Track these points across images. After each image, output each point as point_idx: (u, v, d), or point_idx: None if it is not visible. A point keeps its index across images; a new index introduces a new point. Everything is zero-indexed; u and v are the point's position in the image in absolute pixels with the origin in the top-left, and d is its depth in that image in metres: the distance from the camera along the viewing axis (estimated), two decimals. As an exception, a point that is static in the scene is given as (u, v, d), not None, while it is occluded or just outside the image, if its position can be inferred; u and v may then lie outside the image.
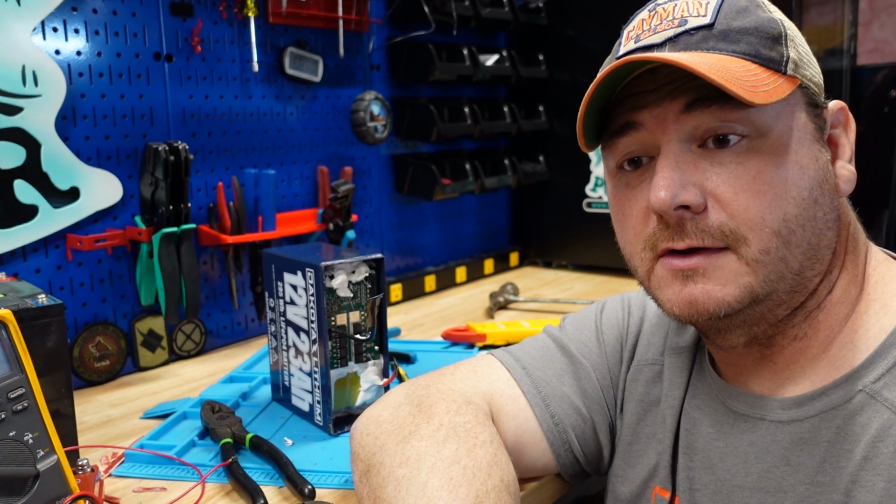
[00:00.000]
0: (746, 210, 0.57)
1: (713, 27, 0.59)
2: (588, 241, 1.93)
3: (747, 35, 0.59)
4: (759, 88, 0.55)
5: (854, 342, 0.60)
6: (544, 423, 0.76)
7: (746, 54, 0.58)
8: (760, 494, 0.62)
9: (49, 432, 0.67)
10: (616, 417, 0.79)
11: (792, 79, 0.59)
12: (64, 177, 1.14)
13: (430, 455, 0.63)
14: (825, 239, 0.60)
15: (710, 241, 0.58)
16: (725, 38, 0.59)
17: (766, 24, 0.60)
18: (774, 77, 0.58)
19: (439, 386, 0.75)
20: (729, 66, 0.56)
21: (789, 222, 0.58)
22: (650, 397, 0.75)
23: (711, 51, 0.58)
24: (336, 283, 0.94)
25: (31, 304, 0.82)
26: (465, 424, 0.68)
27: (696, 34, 0.59)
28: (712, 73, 0.54)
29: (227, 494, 0.81)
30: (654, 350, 0.78)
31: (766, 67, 0.58)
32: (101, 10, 1.18)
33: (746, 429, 0.65)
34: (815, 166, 0.59)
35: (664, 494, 0.71)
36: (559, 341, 0.82)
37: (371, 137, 1.57)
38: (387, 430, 0.69)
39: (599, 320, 0.83)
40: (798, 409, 0.61)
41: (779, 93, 0.56)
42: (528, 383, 0.78)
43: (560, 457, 0.77)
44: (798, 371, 0.63)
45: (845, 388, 0.59)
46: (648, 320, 0.80)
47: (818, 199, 0.59)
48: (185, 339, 1.32)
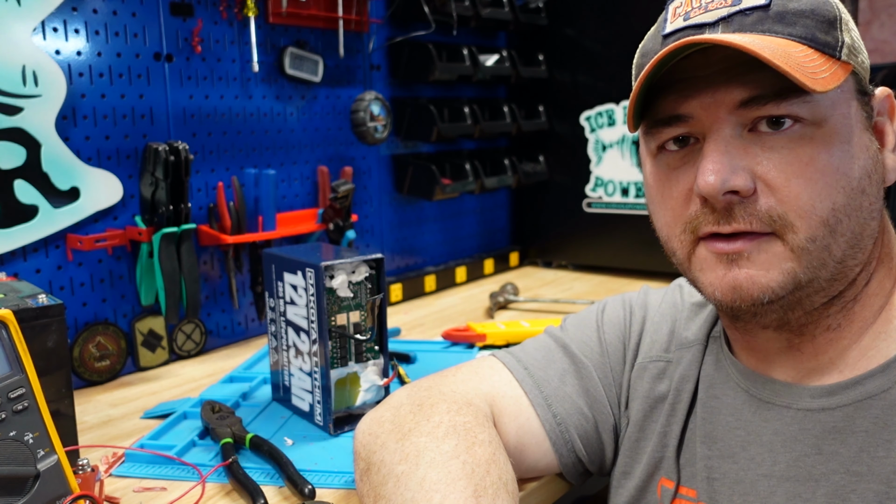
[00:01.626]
0: (798, 197, 0.56)
1: (769, 8, 0.57)
2: (588, 241, 1.93)
3: (804, 17, 0.57)
4: (819, 75, 0.54)
5: (889, 332, 0.60)
6: (547, 423, 0.76)
7: (803, 38, 0.57)
8: (789, 483, 0.62)
9: (49, 432, 0.67)
10: (619, 417, 0.79)
11: (846, 65, 0.58)
12: (64, 177, 1.14)
13: (428, 450, 0.63)
14: (869, 228, 0.60)
15: (757, 226, 0.57)
16: (782, 19, 0.57)
17: (822, 7, 0.58)
18: (830, 63, 0.56)
19: (441, 388, 0.75)
20: (789, 50, 0.55)
21: (837, 211, 0.57)
22: (656, 393, 0.75)
23: (768, 33, 0.57)
24: (336, 283, 0.94)
25: (32, 304, 0.82)
26: (465, 424, 0.68)
27: (752, 14, 0.57)
28: (777, 59, 0.52)
29: (227, 494, 0.81)
30: (657, 347, 0.78)
31: (822, 52, 0.57)
32: (102, 10, 1.18)
33: (770, 417, 0.64)
34: (865, 155, 0.59)
35: (669, 485, 0.71)
36: (560, 341, 0.82)
37: (371, 137, 1.57)
38: (387, 429, 0.69)
39: (601, 320, 0.83)
40: (830, 398, 0.61)
41: (835, 79, 0.55)
42: (530, 384, 0.78)
43: (562, 457, 0.77)
44: (826, 361, 0.62)
45: (882, 378, 0.59)
46: (651, 319, 0.80)
47: (866, 189, 0.58)
48: (186, 339, 1.32)
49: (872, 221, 0.60)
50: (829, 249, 0.57)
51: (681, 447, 0.71)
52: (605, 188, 1.86)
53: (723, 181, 0.57)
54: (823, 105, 0.57)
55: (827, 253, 0.58)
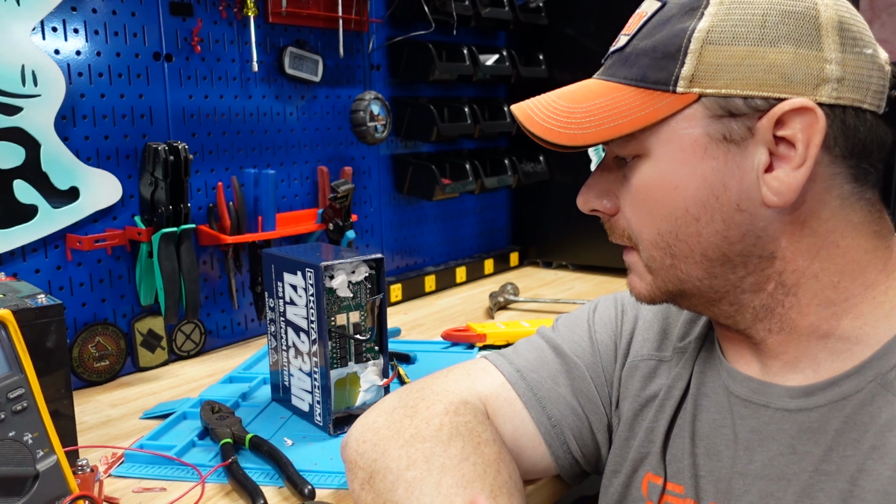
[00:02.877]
0: (632, 221, 0.64)
1: (624, 49, 0.63)
2: (588, 241, 1.93)
3: (643, 57, 0.61)
4: (610, 123, 0.60)
5: (860, 338, 0.60)
6: (541, 425, 0.76)
7: (633, 79, 0.61)
8: (763, 482, 0.62)
9: (49, 432, 0.67)
10: (612, 416, 0.79)
11: (684, 96, 0.58)
12: (63, 177, 1.14)
13: (437, 455, 0.64)
14: (732, 250, 0.60)
15: (620, 242, 0.67)
16: (626, 62, 0.62)
17: (667, 41, 0.59)
18: (656, 100, 0.59)
19: (433, 388, 0.75)
20: (584, 104, 0.62)
21: (665, 236, 0.62)
22: (647, 393, 0.75)
23: (610, 78, 0.63)
24: (336, 283, 0.94)
25: (31, 304, 0.82)
26: (467, 424, 0.68)
27: (612, 57, 0.65)
28: (545, 124, 0.63)
29: (226, 495, 0.81)
30: (649, 346, 0.78)
31: (651, 90, 0.60)
32: (101, 9, 1.18)
33: (748, 415, 0.65)
34: (696, 185, 0.59)
35: (657, 481, 0.71)
36: (552, 342, 0.82)
37: (371, 137, 1.57)
38: (385, 435, 0.69)
39: (592, 320, 0.83)
40: (807, 399, 0.61)
41: (647, 119, 0.59)
42: (523, 386, 0.77)
43: (559, 458, 0.77)
44: (792, 360, 0.63)
45: (856, 379, 0.59)
46: (643, 318, 0.80)
47: (700, 217, 0.60)
48: (185, 339, 1.32)
49: (737, 244, 0.60)
50: (677, 268, 0.63)
51: (667, 443, 0.71)
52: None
53: (583, 202, 0.68)
54: (646, 140, 0.61)
55: (678, 271, 0.63)
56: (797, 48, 0.57)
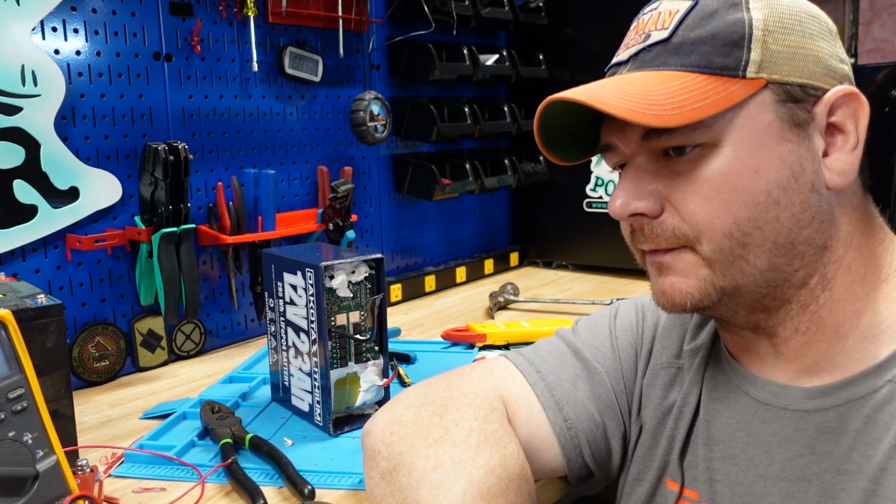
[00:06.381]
0: (695, 215, 0.61)
1: (669, 41, 0.62)
2: (588, 241, 1.93)
3: (701, 45, 0.60)
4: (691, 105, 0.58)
5: (876, 336, 0.61)
6: (557, 427, 0.76)
7: (697, 66, 0.60)
8: (783, 483, 0.63)
9: (48, 432, 0.67)
10: (630, 424, 0.79)
11: (754, 81, 0.59)
12: (63, 177, 1.14)
13: (465, 462, 0.64)
14: (800, 236, 0.60)
15: (664, 244, 0.63)
16: (678, 51, 0.61)
17: (727, 29, 0.60)
18: (727, 84, 0.59)
19: (461, 388, 0.75)
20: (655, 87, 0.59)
21: (741, 225, 0.60)
22: (668, 401, 0.76)
23: (662, 67, 0.61)
24: (336, 283, 0.94)
25: (31, 304, 0.82)
26: (495, 433, 0.68)
27: (653, 50, 0.62)
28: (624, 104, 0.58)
29: (226, 495, 0.81)
30: (668, 353, 0.78)
31: (719, 76, 0.59)
32: (101, 9, 1.18)
33: (768, 418, 0.65)
34: (777, 168, 0.59)
35: (674, 487, 0.72)
36: (573, 346, 0.82)
37: (371, 137, 1.57)
38: (413, 430, 0.69)
39: (613, 325, 0.83)
40: (824, 399, 0.62)
41: (724, 102, 0.58)
42: (542, 387, 0.78)
43: (570, 461, 0.77)
44: (810, 363, 0.63)
45: (872, 378, 0.60)
46: (662, 325, 0.80)
47: (780, 200, 0.60)
48: (185, 339, 1.32)
49: (804, 230, 0.60)
50: (744, 259, 0.61)
51: (685, 450, 0.72)
52: (606, 188, 1.86)
53: (623, 206, 0.63)
54: (718, 126, 0.60)
55: (744, 263, 0.61)
56: (828, 44, 0.62)
